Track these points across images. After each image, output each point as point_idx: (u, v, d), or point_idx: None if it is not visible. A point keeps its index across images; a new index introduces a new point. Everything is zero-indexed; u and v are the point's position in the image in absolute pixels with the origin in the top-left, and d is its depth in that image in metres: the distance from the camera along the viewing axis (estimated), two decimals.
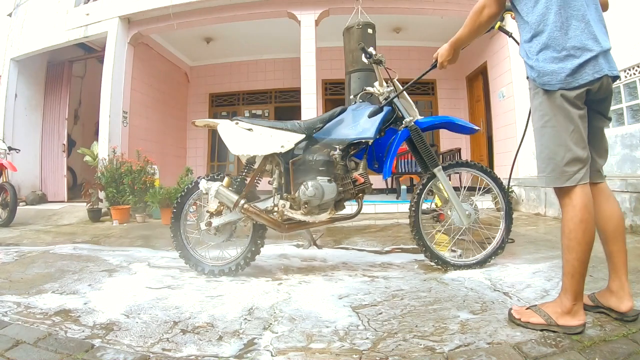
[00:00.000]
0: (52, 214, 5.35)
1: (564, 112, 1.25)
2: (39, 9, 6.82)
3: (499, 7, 1.37)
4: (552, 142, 1.27)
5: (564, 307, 1.27)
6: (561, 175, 1.26)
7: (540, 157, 1.32)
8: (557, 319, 1.27)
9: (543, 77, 1.26)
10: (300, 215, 2.05)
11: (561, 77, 1.22)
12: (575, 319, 1.25)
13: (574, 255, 1.27)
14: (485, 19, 1.41)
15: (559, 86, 1.23)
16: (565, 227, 1.29)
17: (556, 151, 1.27)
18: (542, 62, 1.25)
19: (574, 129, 1.25)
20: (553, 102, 1.26)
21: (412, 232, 2.13)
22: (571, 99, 1.24)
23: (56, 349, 1.25)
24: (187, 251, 2.19)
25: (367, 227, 3.83)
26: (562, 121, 1.25)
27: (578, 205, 1.26)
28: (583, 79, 1.22)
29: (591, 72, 1.22)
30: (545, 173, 1.31)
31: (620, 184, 3.18)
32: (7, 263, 2.57)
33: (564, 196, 1.30)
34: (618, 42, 3.74)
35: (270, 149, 2.06)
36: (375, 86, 2.17)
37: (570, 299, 1.27)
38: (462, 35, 1.55)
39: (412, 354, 1.18)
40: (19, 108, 6.72)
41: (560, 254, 1.35)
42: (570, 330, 1.24)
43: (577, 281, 1.27)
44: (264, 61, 8.50)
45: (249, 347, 1.26)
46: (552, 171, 1.28)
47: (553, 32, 1.23)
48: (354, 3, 5.31)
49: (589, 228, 1.25)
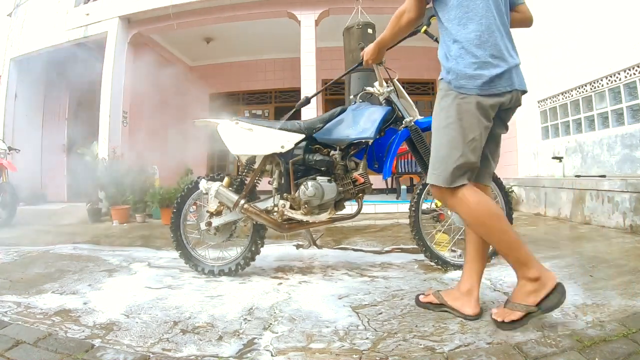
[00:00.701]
0: (52, 214, 5.35)
1: (472, 119, 1.26)
2: (39, 9, 6.82)
3: (417, 13, 1.38)
4: (450, 144, 1.29)
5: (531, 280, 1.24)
6: (450, 177, 1.28)
7: (435, 155, 1.33)
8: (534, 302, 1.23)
9: (460, 80, 1.26)
10: (300, 215, 2.05)
11: (478, 83, 1.24)
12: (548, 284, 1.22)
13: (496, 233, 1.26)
14: (405, 23, 1.42)
15: (475, 92, 1.24)
16: (469, 219, 1.30)
17: (451, 154, 1.28)
18: (462, 66, 1.25)
19: (474, 138, 1.27)
20: (463, 106, 1.26)
21: (412, 232, 2.13)
22: (485, 108, 1.26)
23: (56, 349, 1.25)
24: (187, 251, 2.19)
25: (367, 227, 3.83)
26: (466, 127, 1.26)
27: (466, 197, 1.28)
28: (497, 89, 1.25)
29: (505, 83, 1.26)
30: (437, 172, 1.32)
31: (620, 184, 3.18)
32: (7, 263, 2.57)
33: (450, 197, 1.32)
34: (618, 42, 3.75)
35: (270, 149, 2.06)
36: (375, 86, 2.17)
37: (531, 267, 1.24)
38: (384, 37, 1.58)
39: (412, 354, 1.18)
40: (19, 108, 6.72)
41: (560, 254, 1.36)
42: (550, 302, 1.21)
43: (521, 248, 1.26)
44: (264, 61, 8.50)
45: (249, 347, 1.26)
46: (444, 171, 1.29)
47: (473, 39, 1.24)
48: (354, 3, 5.31)
49: (487, 204, 1.28)
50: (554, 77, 4.86)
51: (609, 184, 3.31)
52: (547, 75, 5.01)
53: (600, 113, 4.07)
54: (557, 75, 4.77)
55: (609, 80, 3.91)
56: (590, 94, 4.19)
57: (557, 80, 4.80)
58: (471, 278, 1.44)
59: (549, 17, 4.91)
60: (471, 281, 1.43)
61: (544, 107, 5.06)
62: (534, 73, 5.25)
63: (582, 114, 4.35)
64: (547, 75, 5.01)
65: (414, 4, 1.36)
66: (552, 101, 4.88)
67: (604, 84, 3.99)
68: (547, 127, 5.03)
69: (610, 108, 3.93)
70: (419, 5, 1.36)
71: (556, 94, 4.77)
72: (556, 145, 4.77)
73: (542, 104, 5.10)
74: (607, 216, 3.30)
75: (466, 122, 1.26)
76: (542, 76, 5.12)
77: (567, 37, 4.54)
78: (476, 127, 1.27)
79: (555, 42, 4.79)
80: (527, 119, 5.33)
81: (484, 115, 1.27)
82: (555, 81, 4.84)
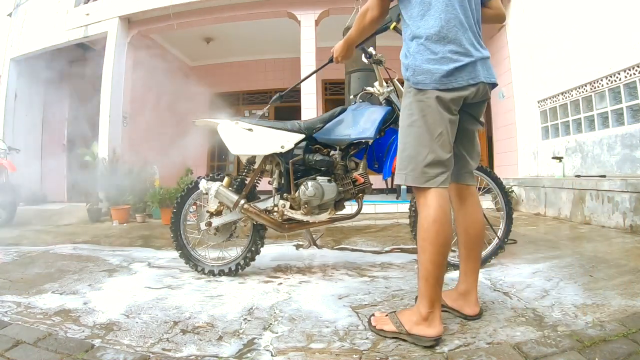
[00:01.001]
0: (52, 214, 5.35)
1: (434, 114, 1.23)
2: (39, 9, 6.82)
3: (380, 11, 1.37)
4: (416, 142, 1.26)
5: (419, 315, 1.23)
6: (421, 175, 1.25)
7: (401, 155, 1.31)
8: (410, 328, 1.23)
9: (417, 76, 1.24)
10: (300, 215, 2.05)
11: (436, 77, 1.21)
12: (430, 329, 1.21)
13: (427, 257, 1.22)
14: (368, 21, 1.41)
15: (433, 86, 1.22)
16: (420, 227, 1.26)
17: (419, 151, 1.25)
18: (419, 61, 1.24)
19: (441, 132, 1.24)
20: (424, 102, 1.24)
21: (412, 232, 2.13)
22: (446, 102, 1.23)
23: (56, 349, 1.25)
24: (187, 251, 2.19)
25: (367, 227, 3.83)
26: (430, 123, 1.24)
27: (433, 205, 1.23)
28: (457, 83, 1.22)
29: (467, 77, 1.23)
30: (405, 171, 1.28)
31: (620, 184, 3.18)
32: (7, 263, 2.57)
33: (420, 196, 1.28)
34: (618, 42, 3.74)
35: (270, 149, 2.06)
36: (375, 86, 2.17)
37: (426, 306, 1.22)
38: (351, 34, 1.56)
39: (412, 354, 1.18)
40: (19, 108, 6.72)
41: (560, 254, 1.36)
42: (421, 341, 1.20)
43: (432, 285, 1.22)
44: (264, 61, 8.50)
45: (249, 347, 1.26)
46: (413, 170, 1.26)
47: (432, 35, 1.22)
48: (354, 3, 5.30)
49: (443, 229, 1.22)
50: (548, 77, 4.87)
51: (609, 184, 3.31)
52: (542, 75, 5.02)
53: (600, 113, 4.07)
54: (552, 75, 4.78)
55: (609, 80, 3.91)
56: (590, 94, 4.19)
57: (551, 80, 4.80)
58: (468, 278, 1.43)
59: (544, 17, 4.92)
60: (468, 281, 1.43)
61: (544, 107, 5.06)
62: (529, 73, 5.26)
63: (582, 114, 4.35)
64: (542, 75, 5.02)
65: (376, 2, 1.35)
66: (552, 101, 4.88)
67: (603, 84, 3.99)
68: (547, 127, 5.03)
69: (610, 108, 3.93)
70: (381, 4, 1.35)
71: (556, 94, 4.77)
72: (556, 145, 4.77)
73: (542, 104, 5.10)
74: (607, 216, 3.30)
75: (430, 118, 1.24)
76: (537, 76, 5.12)
77: (562, 37, 4.54)
78: (440, 121, 1.24)
79: (550, 42, 4.79)
80: (527, 119, 5.34)
81: (446, 109, 1.24)
82: (550, 81, 4.84)
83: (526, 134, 5.39)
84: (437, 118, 1.24)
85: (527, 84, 5.23)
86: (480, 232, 1.44)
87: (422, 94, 1.24)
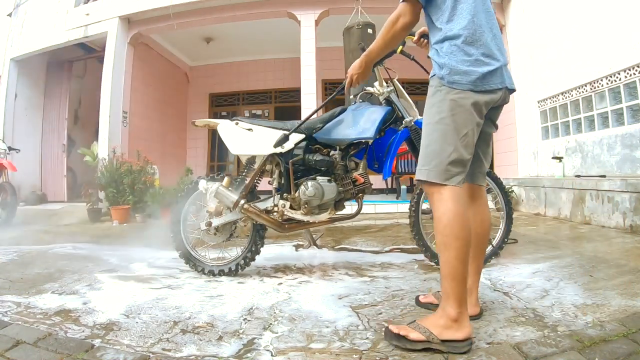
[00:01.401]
0: (52, 214, 5.34)
1: (464, 114, 1.24)
2: (39, 9, 6.82)
3: (413, 17, 1.35)
4: (442, 139, 1.25)
5: (447, 317, 1.17)
6: (444, 172, 1.24)
7: (426, 150, 1.30)
8: (439, 333, 1.16)
9: (454, 75, 1.25)
10: (300, 215, 2.05)
11: (472, 78, 1.23)
12: (461, 331, 1.16)
13: (452, 253, 1.19)
14: (400, 28, 1.38)
15: (468, 87, 1.23)
16: (439, 223, 1.23)
17: (444, 148, 1.24)
18: (454, 62, 1.24)
19: (467, 133, 1.25)
20: (456, 101, 1.24)
21: (412, 232, 2.13)
22: (479, 104, 1.24)
23: (56, 349, 1.25)
24: (187, 251, 2.19)
25: (367, 227, 3.83)
26: (458, 122, 1.24)
27: (451, 201, 1.23)
28: (489, 86, 1.24)
29: (497, 80, 1.26)
30: (428, 167, 1.27)
31: (620, 184, 3.18)
32: (7, 263, 2.57)
33: (435, 193, 1.27)
34: (618, 42, 3.74)
35: (270, 149, 2.06)
36: (375, 86, 2.17)
37: (454, 306, 1.17)
38: (374, 47, 1.47)
39: (412, 354, 1.17)
40: (19, 108, 6.72)
41: (560, 254, 1.35)
42: (456, 347, 1.14)
43: (459, 283, 1.18)
44: (264, 61, 8.49)
45: (249, 347, 1.26)
46: (436, 166, 1.25)
47: (466, 36, 1.24)
48: (354, 3, 5.31)
49: (466, 222, 1.21)
50: (548, 77, 4.87)
51: (609, 184, 3.31)
52: (542, 75, 5.02)
53: (600, 113, 4.07)
54: (552, 75, 4.78)
55: (609, 80, 3.91)
56: (590, 94, 4.19)
57: (551, 80, 4.81)
58: (470, 278, 1.40)
59: (544, 17, 4.92)
60: (470, 281, 1.41)
61: (544, 107, 5.06)
62: (529, 73, 5.26)
63: (582, 114, 4.35)
64: (542, 75, 5.02)
65: (408, 7, 1.34)
66: (552, 101, 4.88)
67: (603, 84, 3.99)
68: (547, 127, 5.03)
69: (610, 108, 3.93)
70: (413, 9, 1.34)
71: (556, 94, 4.77)
72: (556, 145, 4.77)
73: (541, 104, 5.10)
74: (607, 216, 3.30)
75: (459, 117, 1.24)
76: (537, 76, 5.12)
77: (562, 37, 4.54)
78: (469, 122, 1.25)
79: (550, 42, 4.79)
80: (527, 119, 5.34)
81: (477, 111, 1.26)
82: (550, 81, 4.84)
83: (526, 134, 5.39)
84: (466, 118, 1.24)
85: (527, 84, 5.23)
86: (487, 232, 1.45)
87: (456, 93, 1.24)
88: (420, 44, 1.71)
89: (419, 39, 1.69)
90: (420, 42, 1.70)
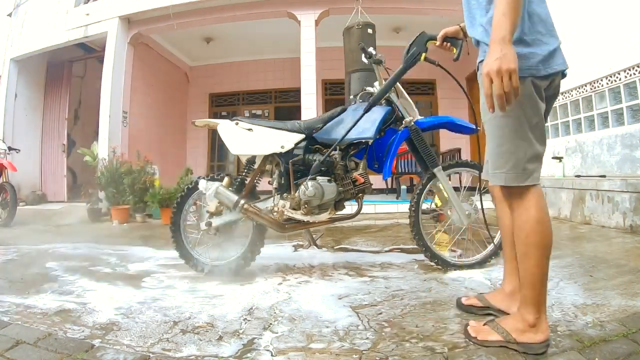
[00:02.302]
0: (52, 214, 5.34)
1: (531, 102, 1.11)
2: (39, 9, 6.81)
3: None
4: (514, 135, 1.12)
5: (525, 323, 1.15)
6: (523, 173, 1.13)
7: (497, 151, 1.17)
8: (517, 337, 1.15)
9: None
10: (300, 215, 2.05)
11: (532, 62, 1.09)
12: (539, 334, 1.14)
13: (533, 262, 1.14)
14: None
15: (528, 72, 1.09)
16: (521, 231, 1.16)
17: (518, 145, 1.12)
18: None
19: (537, 123, 1.13)
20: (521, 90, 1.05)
21: (412, 232, 2.13)
22: (541, 89, 1.12)
23: (56, 349, 1.25)
24: (187, 251, 2.19)
25: (367, 227, 3.83)
26: (527, 112, 1.11)
27: (533, 206, 1.14)
28: (552, 68, 1.11)
29: (561, 61, 1.13)
30: (504, 169, 1.15)
31: (620, 183, 3.18)
32: (7, 263, 2.57)
33: (516, 197, 1.18)
34: (618, 42, 3.74)
35: (270, 149, 2.06)
36: (375, 86, 2.17)
37: (533, 313, 1.15)
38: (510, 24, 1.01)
39: (412, 354, 1.18)
40: (19, 108, 6.72)
41: (560, 254, 1.35)
42: (532, 349, 1.12)
43: (539, 290, 1.15)
44: (264, 61, 8.49)
45: (249, 347, 1.26)
46: (514, 167, 1.13)
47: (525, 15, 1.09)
48: (354, 3, 5.31)
49: (548, 230, 1.14)
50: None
51: (609, 184, 3.31)
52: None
53: (600, 113, 4.07)
54: None
55: (609, 80, 3.91)
56: (590, 94, 4.19)
57: None
58: (514, 278, 1.36)
59: None
60: (514, 281, 1.36)
61: None
62: None
63: (582, 114, 4.35)
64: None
65: None
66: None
67: (603, 84, 3.99)
68: (547, 127, 5.03)
69: (610, 108, 3.93)
70: None
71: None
72: (556, 145, 4.76)
73: None
74: (607, 216, 3.30)
75: (527, 106, 1.11)
76: None
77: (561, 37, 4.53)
78: (537, 110, 1.12)
79: None
80: None
81: (540, 97, 1.12)
82: None
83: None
84: (533, 106, 1.12)
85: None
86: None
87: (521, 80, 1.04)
88: (444, 47, 1.63)
89: (441, 43, 1.63)
90: (443, 45, 1.63)
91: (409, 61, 1.81)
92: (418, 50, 1.73)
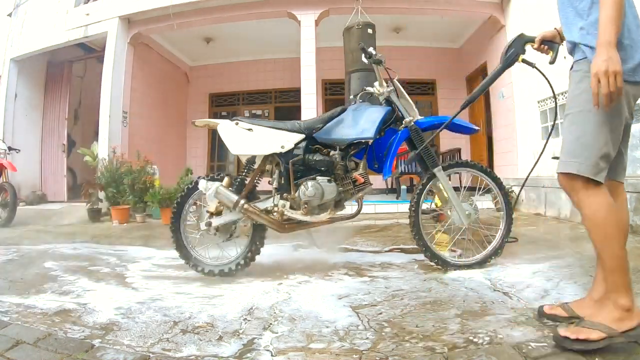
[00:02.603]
0: (52, 214, 5.34)
1: (617, 104, 1.14)
2: (39, 9, 6.81)
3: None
4: (596, 130, 1.16)
5: (621, 309, 1.13)
6: (594, 166, 1.16)
7: (577, 141, 1.20)
8: (619, 327, 1.12)
9: None
10: (300, 215, 2.05)
11: (627, 67, 1.12)
12: (634, 320, 1.12)
13: (616, 247, 1.16)
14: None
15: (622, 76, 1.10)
16: (593, 225, 1.19)
17: (597, 139, 1.15)
18: None
19: (617, 125, 1.16)
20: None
21: (412, 232, 2.13)
22: (630, 95, 1.15)
23: (56, 349, 1.25)
24: (187, 251, 2.19)
25: (367, 227, 3.83)
26: (612, 113, 1.15)
27: (598, 199, 1.18)
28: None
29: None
30: (579, 159, 1.18)
31: None
32: (7, 263, 2.57)
33: (582, 188, 1.19)
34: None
35: (270, 149, 2.06)
36: (375, 86, 2.17)
37: (626, 296, 1.14)
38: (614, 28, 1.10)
39: (412, 354, 1.18)
40: (18, 108, 6.71)
41: (560, 254, 1.34)
42: (631, 336, 1.11)
43: (626, 272, 1.15)
44: (264, 61, 8.49)
45: (249, 347, 1.26)
46: (587, 159, 1.16)
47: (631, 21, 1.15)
48: (354, 3, 5.31)
49: (619, 216, 1.18)
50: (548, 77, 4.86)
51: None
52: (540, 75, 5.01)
53: None
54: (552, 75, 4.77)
55: None
56: None
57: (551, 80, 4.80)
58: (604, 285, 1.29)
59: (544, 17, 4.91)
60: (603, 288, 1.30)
61: (544, 107, 5.06)
62: (529, 73, 5.25)
63: None
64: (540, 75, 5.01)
65: None
66: (552, 101, 4.88)
67: None
68: (547, 127, 5.03)
69: None
70: None
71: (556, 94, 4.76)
72: (557, 145, 4.76)
73: (541, 104, 5.10)
74: None
75: (613, 108, 1.13)
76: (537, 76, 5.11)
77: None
78: (620, 113, 1.15)
79: None
80: (527, 119, 5.33)
81: (627, 102, 1.16)
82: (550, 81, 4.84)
83: (526, 134, 5.38)
84: (617, 109, 1.15)
85: (527, 84, 5.23)
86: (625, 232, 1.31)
87: None
88: (542, 50, 1.65)
89: (539, 45, 1.64)
90: (541, 48, 1.65)
91: (507, 62, 1.82)
92: (516, 52, 1.76)
